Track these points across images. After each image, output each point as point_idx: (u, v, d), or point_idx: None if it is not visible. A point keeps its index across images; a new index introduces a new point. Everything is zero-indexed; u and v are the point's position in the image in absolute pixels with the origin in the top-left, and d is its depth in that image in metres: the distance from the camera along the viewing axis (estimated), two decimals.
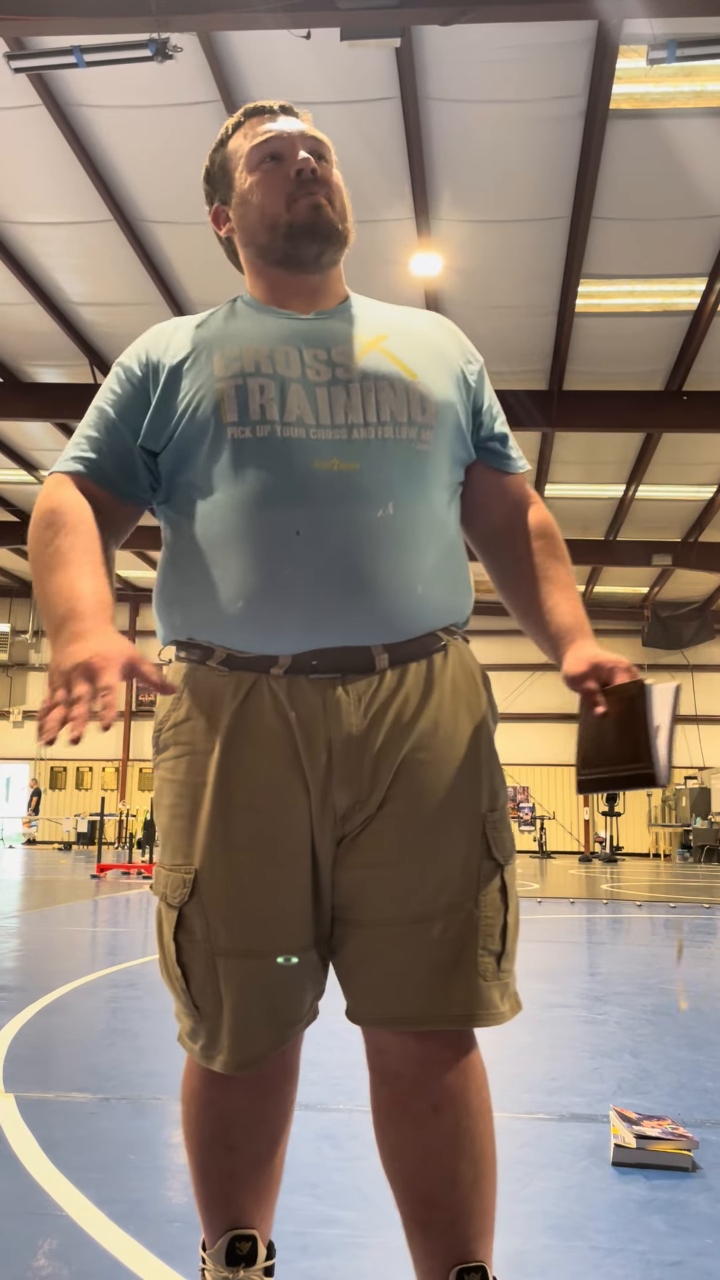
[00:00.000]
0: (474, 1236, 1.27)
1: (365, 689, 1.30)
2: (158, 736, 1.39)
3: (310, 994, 1.34)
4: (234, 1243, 1.38)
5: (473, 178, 7.95)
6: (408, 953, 1.27)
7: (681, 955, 3.39)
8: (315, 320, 1.42)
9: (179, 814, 1.34)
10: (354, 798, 1.29)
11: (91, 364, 11.21)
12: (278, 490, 1.30)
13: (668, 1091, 2.93)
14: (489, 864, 1.32)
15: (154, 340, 1.45)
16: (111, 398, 1.43)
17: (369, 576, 1.28)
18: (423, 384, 1.39)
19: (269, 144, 1.44)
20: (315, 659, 1.29)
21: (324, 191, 1.43)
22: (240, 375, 1.34)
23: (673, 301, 9.61)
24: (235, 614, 1.29)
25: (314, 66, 6.74)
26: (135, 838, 18.69)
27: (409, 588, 1.31)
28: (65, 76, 6.95)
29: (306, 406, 1.33)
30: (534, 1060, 3.27)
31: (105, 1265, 1.76)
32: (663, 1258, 1.83)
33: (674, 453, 13.17)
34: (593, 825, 23.14)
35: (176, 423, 1.36)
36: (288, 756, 1.29)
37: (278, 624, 1.28)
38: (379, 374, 1.37)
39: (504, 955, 1.31)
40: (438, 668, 1.35)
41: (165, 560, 1.41)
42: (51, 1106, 2.68)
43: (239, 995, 1.29)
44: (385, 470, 1.32)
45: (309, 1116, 2.62)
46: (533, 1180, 2.21)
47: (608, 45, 6.44)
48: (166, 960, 1.34)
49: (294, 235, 1.42)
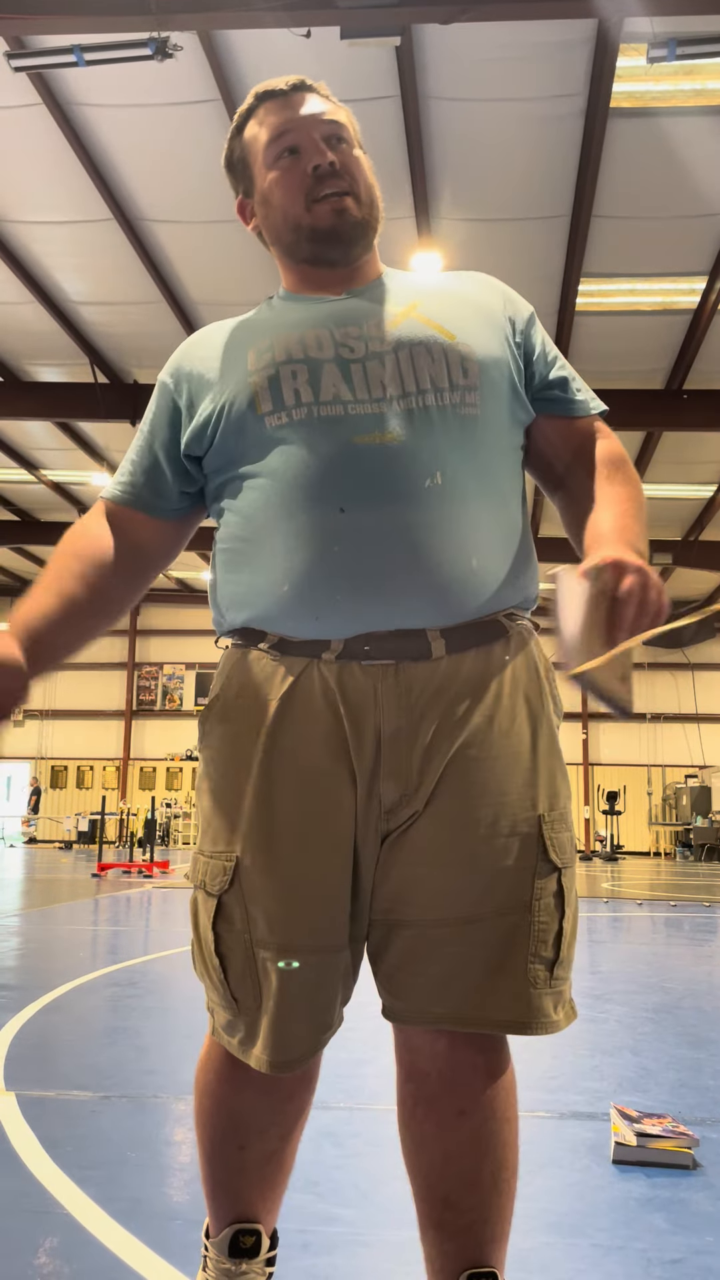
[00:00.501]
0: (488, 1241, 1.25)
1: (419, 677, 1.25)
2: (203, 721, 1.36)
3: (341, 997, 1.30)
4: (238, 1236, 1.38)
5: (473, 176, 7.94)
6: (455, 954, 1.23)
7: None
8: (347, 300, 1.39)
9: (221, 800, 1.30)
10: (401, 791, 1.25)
11: (92, 363, 11.20)
12: (319, 469, 1.26)
13: (668, 1089, 2.93)
14: (545, 866, 1.26)
15: (187, 350, 1.45)
16: (150, 416, 1.45)
17: (420, 550, 1.23)
18: (462, 344, 1.33)
19: (284, 138, 1.39)
20: (368, 644, 1.25)
21: (345, 186, 1.37)
22: (271, 365, 1.32)
23: (673, 300, 9.61)
24: (283, 597, 1.26)
25: (314, 65, 6.73)
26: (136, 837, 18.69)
27: (462, 560, 1.24)
28: (65, 75, 6.95)
29: (342, 384, 1.29)
30: (535, 1058, 3.27)
31: (106, 1263, 1.77)
32: (663, 1255, 1.83)
33: (674, 451, 13.16)
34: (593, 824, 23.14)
35: (215, 424, 1.34)
36: (335, 745, 1.25)
37: (327, 604, 1.24)
38: (415, 340, 1.32)
39: (558, 963, 1.26)
40: (497, 657, 1.29)
41: (216, 556, 1.39)
42: (52, 1105, 2.68)
43: (277, 991, 1.25)
44: (431, 439, 1.27)
45: (311, 1115, 2.62)
46: (533, 1178, 2.21)
47: (608, 44, 6.44)
48: (204, 950, 1.30)
49: (316, 240, 1.38)
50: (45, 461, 14.77)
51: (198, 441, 1.37)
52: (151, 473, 1.43)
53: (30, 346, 11.16)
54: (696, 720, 23.41)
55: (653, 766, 23.39)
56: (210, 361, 1.39)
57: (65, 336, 10.78)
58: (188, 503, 1.45)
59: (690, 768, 23.13)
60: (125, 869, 13.15)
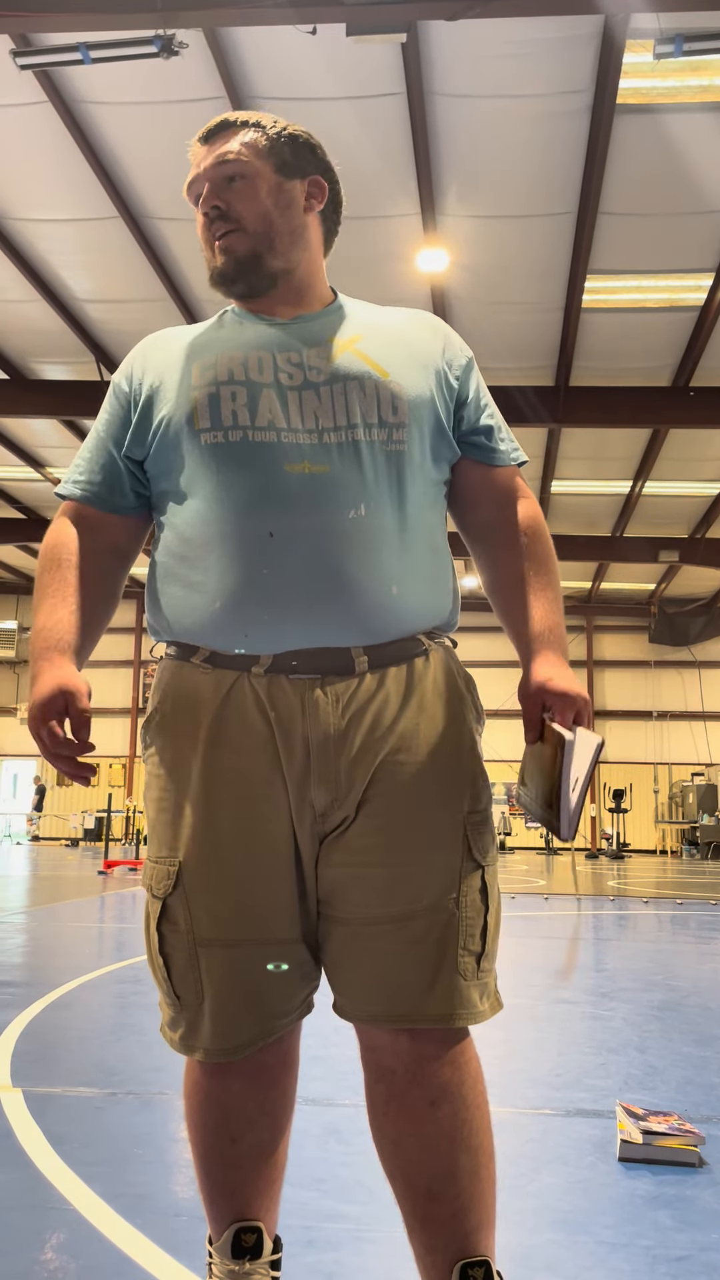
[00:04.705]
0: (475, 1229, 1.28)
1: (344, 691, 1.32)
2: (145, 732, 1.42)
3: (300, 987, 1.36)
4: (239, 1235, 1.39)
5: (479, 173, 7.93)
6: (389, 951, 1.29)
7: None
8: (294, 325, 1.44)
9: (164, 808, 1.37)
10: (331, 796, 1.31)
11: (98, 361, 11.21)
12: (251, 493, 1.32)
13: (674, 1087, 2.93)
14: (470, 864, 1.33)
15: (140, 354, 1.51)
16: (105, 416, 1.51)
17: (342, 577, 1.30)
18: (394, 382, 1.39)
19: (192, 187, 1.48)
20: (295, 659, 1.31)
21: (228, 226, 1.44)
22: (214, 384, 1.37)
23: (680, 297, 9.59)
24: (215, 614, 1.33)
25: (320, 62, 6.73)
26: (142, 834, 18.74)
27: (383, 588, 1.32)
28: (71, 73, 6.95)
29: (278, 410, 1.35)
30: (541, 1055, 3.27)
31: (112, 1259, 1.77)
32: (669, 1253, 1.83)
33: (681, 448, 13.14)
34: (599, 822, 23.12)
35: (155, 432, 1.41)
36: (269, 754, 1.31)
37: (255, 624, 1.31)
38: (350, 375, 1.38)
39: (484, 955, 1.33)
40: (419, 671, 1.36)
41: (152, 563, 1.44)
42: (58, 1101, 2.69)
43: (220, 985, 1.31)
44: (356, 472, 1.33)
45: (315, 1111, 2.62)
46: (539, 1175, 2.21)
47: (614, 40, 6.42)
48: (150, 950, 1.37)
49: (216, 281, 1.47)
50: (51, 459, 14.79)
51: (139, 446, 1.45)
52: (108, 470, 1.48)
53: (36, 344, 11.17)
54: (703, 718, 23.38)
55: (659, 764, 23.36)
56: (159, 370, 1.45)
57: (71, 334, 10.79)
58: (145, 503, 1.51)
59: (697, 765, 23.10)
60: (131, 866, 13.18)
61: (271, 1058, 1.39)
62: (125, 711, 23.99)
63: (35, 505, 16.94)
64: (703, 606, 22.27)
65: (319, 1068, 3.05)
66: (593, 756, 1.31)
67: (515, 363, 11.05)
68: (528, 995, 4.35)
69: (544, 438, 12.94)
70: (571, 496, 15.34)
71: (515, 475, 1.53)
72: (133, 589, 21.76)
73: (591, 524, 16.73)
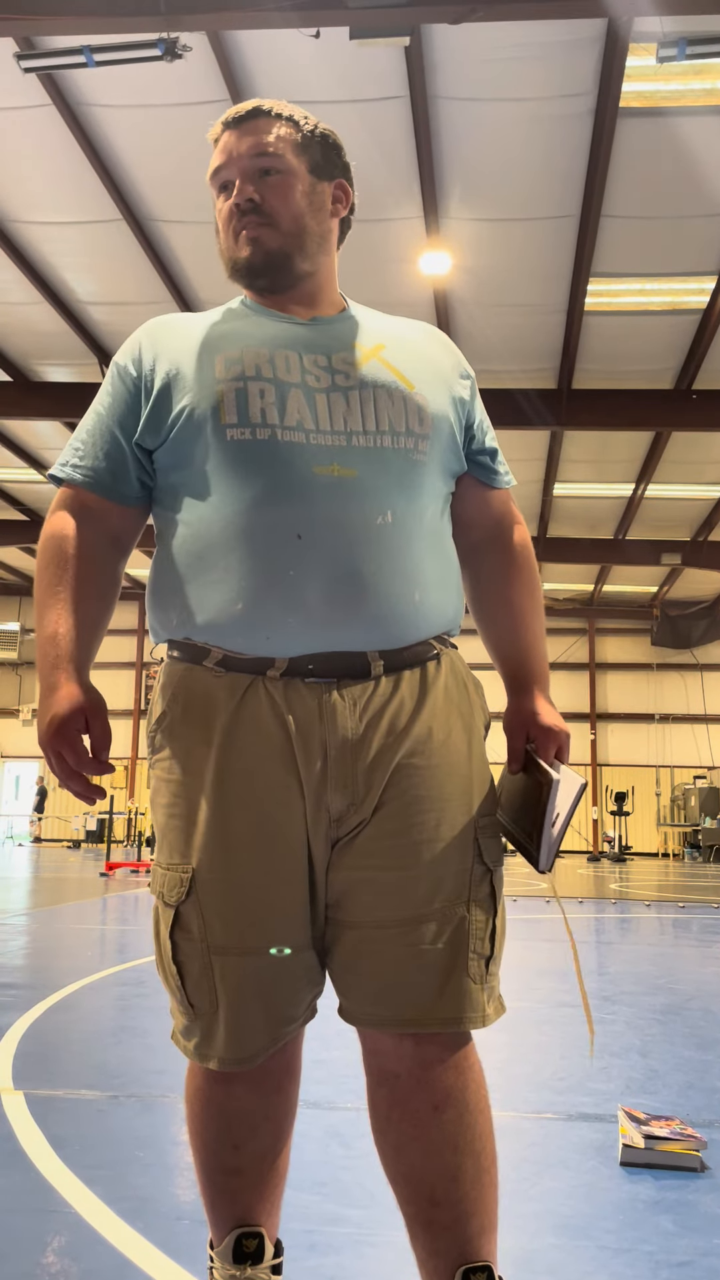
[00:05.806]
0: (477, 1233, 1.27)
1: (360, 694, 1.31)
2: (152, 736, 1.40)
3: (307, 992, 1.35)
4: (241, 1240, 1.39)
5: (482, 176, 7.94)
6: (398, 955, 1.29)
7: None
8: (314, 326, 1.43)
9: (176, 813, 1.34)
10: (348, 801, 1.30)
11: (101, 363, 11.22)
12: (278, 493, 1.31)
13: (676, 1091, 2.92)
14: (480, 868, 1.33)
15: (148, 337, 1.45)
16: (107, 400, 1.45)
17: (369, 582, 1.30)
18: (420, 395, 1.41)
19: (220, 173, 1.45)
20: (312, 663, 1.30)
21: (261, 219, 1.41)
22: (240, 378, 1.35)
23: (682, 300, 9.58)
24: (235, 615, 1.30)
25: (323, 65, 6.74)
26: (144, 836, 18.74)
27: (407, 595, 1.33)
28: (75, 76, 6.96)
29: (306, 411, 1.34)
30: (543, 1059, 3.27)
31: (113, 1262, 1.77)
32: (670, 1258, 1.83)
33: (683, 451, 13.13)
34: (601, 825, 23.10)
35: (174, 421, 1.37)
36: (284, 758, 1.30)
37: (277, 626, 1.29)
38: (378, 383, 1.39)
39: (492, 959, 1.33)
40: (431, 675, 1.37)
41: (160, 559, 1.41)
42: (60, 1104, 2.69)
43: (235, 993, 1.30)
44: (383, 478, 1.34)
45: (317, 1115, 2.62)
46: (540, 1179, 2.21)
47: (617, 43, 6.42)
48: (163, 958, 1.36)
49: (239, 272, 1.45)
50: (54, 461, 14.74)
51: (152, 435, 1.39)
52: (113, 456, 1.43)
53: (39, 346, 11.18)
54: (705, 721, 23.36)
55: (661, 767, 23.34)
56: (174, 357, 1.41)
57: (74, 336, 10.80)
58: (147, 494, 1.47)
59: (699, 768, 23.08)
60: (133, 868, 13.17)
61: (276, 1064, 1.38)
62: (127, 713, 23.99)
63: (37, 507, 16.95)
64: (705, 609, 22.26)
65: (320, 1071, 3.05)
66: (575, 797, 1.32)
67: (518, 365, 11.05)
68: (530, 999, 4.34)
69: (546, 440, 12.93)
70: (574, 499, 15.33)
71: (510, 498, 1.57)
72: (133, 590, 21.78)
73: (594, 526, 16.72)
